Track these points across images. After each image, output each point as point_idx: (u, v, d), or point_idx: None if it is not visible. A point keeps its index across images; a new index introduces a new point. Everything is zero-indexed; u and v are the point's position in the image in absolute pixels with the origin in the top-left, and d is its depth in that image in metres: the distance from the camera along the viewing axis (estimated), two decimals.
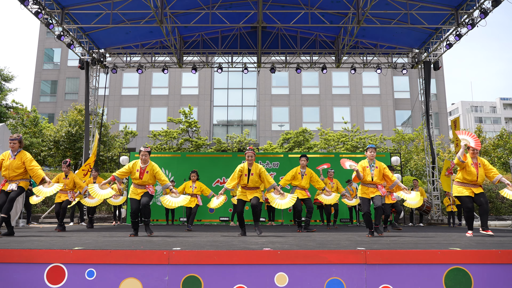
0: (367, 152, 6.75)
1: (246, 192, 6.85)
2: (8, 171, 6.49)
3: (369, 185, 6.64)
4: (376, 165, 6.68)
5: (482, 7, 11.23)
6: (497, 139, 22.82)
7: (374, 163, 6.69)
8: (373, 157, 6.69)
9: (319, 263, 3.57)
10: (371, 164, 6.67)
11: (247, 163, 6.90)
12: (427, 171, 15.37)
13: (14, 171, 6.48)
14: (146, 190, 6.65)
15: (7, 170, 6.50)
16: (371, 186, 6.63)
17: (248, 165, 6.88)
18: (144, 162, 6.68)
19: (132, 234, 6.52)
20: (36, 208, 15.36)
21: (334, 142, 22.82)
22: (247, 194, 6.83)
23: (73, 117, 20.33)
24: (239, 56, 15.75)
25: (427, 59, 15.00)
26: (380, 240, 5.59)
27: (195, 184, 9.17)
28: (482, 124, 36.34)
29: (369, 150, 6.75)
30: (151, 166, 6.70)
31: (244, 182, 6.83)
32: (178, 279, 3.51)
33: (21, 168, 6.52)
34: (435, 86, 31.23)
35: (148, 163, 6.70)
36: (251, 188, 6.83)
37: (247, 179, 6.79)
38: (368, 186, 6.66)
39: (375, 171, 6.62)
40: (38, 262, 3.58)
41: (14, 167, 6.48)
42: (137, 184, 6.67)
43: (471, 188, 6.67)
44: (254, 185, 6.83)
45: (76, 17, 13.00)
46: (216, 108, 31.41)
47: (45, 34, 32.26)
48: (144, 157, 6.66)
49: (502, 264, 3.59)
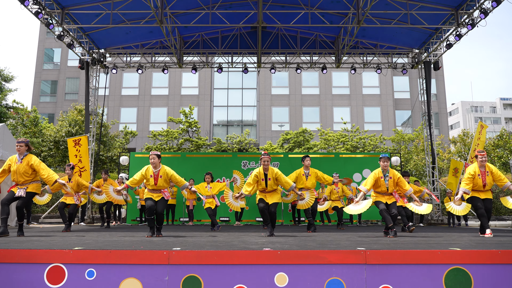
0: (380, 162, 6.58)
1: (265, 195, 6.81)
2: (16, 176, 6.38)
3: (384, 194, 6.59)
4: (390, 175, 6.55)
5: (482, 7, 11.22)
6: (497, 139, 22.81)
7: (388, 173, 6.56)
8: (386, 167, 6.54)
9: (319, 263, 3.57)
10: (385, 174, 6.55)
11: (263, 167, 6.76)
12: (427, 171, 15.36)
13: (22, 175, 6.36)
14: (162, 195, 6.60)
15: (15, 175, 6.38)
16: (386, 194, 6.59)
17: (264, 169, 6.76)
18: (155, 166, 6.55)
19: (149, 235, 6.43)
20: (36, 208, 15.36)
21: (334, 142, 22.83)
22: (267, 196, 6.79)
23: (73, 117, 20.33)
24: (239, 56, 15.75)
25: (427, 59, 15.00)
26: (380, 240, 5.59)
27: (210, 185, 9.20)
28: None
29: (382, 160, 6.56)
30: (164, 170, 6.58)
31: (262, 187, 6.77)
32: (178, 279, 3.51)
33: (28, 172, 6.39)
34: (435, 86, 31.23)
35: (160, 167, 6.57)
36: (270, 191, 6.80)
37: (265, 184, 6.73)
38: (383, 194, 6.60)
39: (389, 181, 6.51)
40: (38, 262, 3.58)
41: (21, 172, 6.36)
42: (151, 190, 6.60)
43: (479, 193, 6.66)
44: (273, 188, 6.80)
45: (76, 17, 13.00)
46: (216, 108, 31.42)
47: (45, 34, 32.25)
48: (153, 161, 6.50)
49: (502, 264, 3.59)
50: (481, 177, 6.60)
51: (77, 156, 13.44)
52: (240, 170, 13.77)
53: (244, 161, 13.98)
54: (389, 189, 6.52)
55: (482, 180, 6.58)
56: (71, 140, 13.74)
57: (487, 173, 6.62)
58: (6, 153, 9.90)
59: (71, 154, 13.53)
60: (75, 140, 13.68)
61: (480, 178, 6.59)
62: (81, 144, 13.57)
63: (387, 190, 6.52)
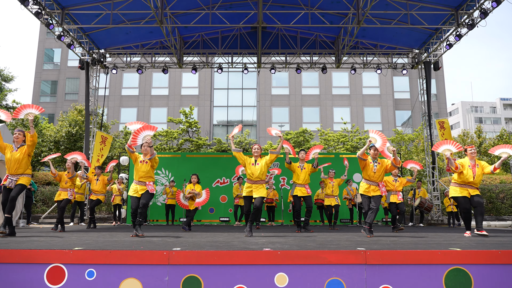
0: (371, 150, 6.90)
1: (252, 186, 6.86)
2: (10, 163, 6.50)
3: (371, 183, 6.78)
4: (379, 161, 6.85)
5: (482, 7, 11.23)
6: (497, 139, 22.82)
7: (377, 160, 6.86)
8: (375, 155, 6.85)
9: (319, 264, 3.57)
10: (374, 160, 6.84)
11: (254, 156, 7.00)
12: (427, 171, 15.37)
13: (15, 164, 6.48)
14: (146, 188, 6.62)
15: (9, 163, 6.50)
16: (373, 184, 6.78)
17: (255, 157, 6.98)
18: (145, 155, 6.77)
19: (134, 235, 6.47)
20: (36, 209, 15.36)
21: (334, 143, 22.85)
22: (253, 188, 6.84)
23: (73, 117, 20.34)
24: (239, 56, 15.76)
25: (427, 60, 15.01)
26: (380, 240, 5.60)
27: (195, 186, 9.15)
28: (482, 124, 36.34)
29: (372, 148, 6.91)
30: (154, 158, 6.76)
31: (251, 171, 6.83)
32: (178, 279, 3.51)
33: (22, 161, 6.51)
34: (435, 86, 31.24)
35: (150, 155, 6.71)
36: (257, 181, 6.84)
37: (255, 168, 6.82)
38: (370, 183, 6.79)
39: (378, 166, 6.79)
40: (38, 263, 3.58)
41: (16, 160, 6.47)
42: (138, 181, 6.67)
43: (467, 189, 6.82)
44: (260, 178, 6.85)
45: (76, 17, 13.01)
46: (216, 108, 31.42)
47: (45, 34, 32.26)
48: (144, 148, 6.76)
49: (502, 264, 3.59)
50: (472, 168, 6.83)
51: (99, 155, 14.27)
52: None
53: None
54: (376, 173, 6.75)
55: (472, 172, 6.80)
56: (100, 135, 14.42)
57: (477, 166, 6.88)
58: None
59: (96, 149, 14.19)
60: (103, 137, 14.47)
61: (470, 169, 6.82)
62: (106, 144, 14.41)
63: (374, 175, 6.74)
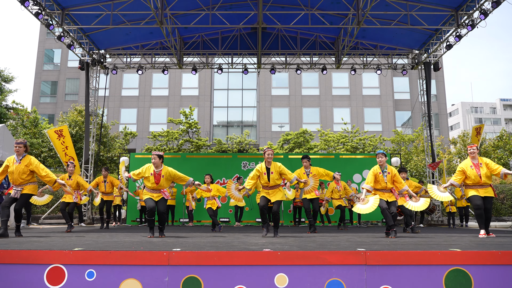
0: (377, 158, 6.78)
1: (268, 191, 6.79)
2: (13, 176, 6.41)
3: (384, 191, 6.70)
4: (388, 170, 6.73)
5: (482, 8, 11.23)
6: (497, 140, 22.81)
7: (386, 169, 6.74)
8: (382, 162, 6.72)
9: (319, 264, 3.57)
10: (383, 170, 6.71)
11: (265, 162, 6.79)
12: (427, 172, 15.37)
13: (19, 176, 6.39)
14: (162, 195, 6.60)
15: (12, 176, 6.42)
16: (386, 192, 6.71)
17: (267, 163, 6.77)
18: (156, 166, 6.57)
19: (150, 235, 6.45)
20: (36, 209, 15.35)
21: (334, 143, 22.84)
22: (270, 193, 6.77)
23: (73, 118, 20.34)
24: (239, 57, 15.76)
25: (427, 60, 15.01)
26: (380, 241, 5.59)
27: (210, 186, 9.13)
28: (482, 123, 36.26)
29: (378, 156, 6.75)
30: (167, 170, 6.61)
31: (265, 180, 6.72)
32: (178, 280, 3.51)
33: (26, 173, 6.44)
34: (435, 87, 31.23)
35: (161, 167, 6.59)
36: (273, 187, 6.75)
37: (268, 177, 6.68)
38: (383, 191, 6.71)
39: (388, 176, 6.68)
40: (38, 263, 3.57)
41: (19, 172, 6.39)
42: (151, 189, 6.60)
43: (478, 189, 6.63)
44: (275, 183, 6.74)
45: (76, 18, 13.01)
46: (216, 109, 31.42)
47: (45, 35, 32.26)
48: (154, 161, 6.54)
49: (502, 265, 3.59)
50: (474, 168, 6.61)
51: (63, 149, 13.15)
52: (240, 171, 13.79)
53: (244, 161, 13.99)
54: (388, 184, 6.65)
55: (476, 171, 6.59)
56: (52, 132, 13.19)
57: (480, 165, 6.65)
58: (6, 153, 9.91)
59: (57, 147, 13.14)
60: (57, 131, 13.19)
61: (473, 169, 6.62)
62: (64, 135, 13.17)
63: (386, 185, 6.65)
